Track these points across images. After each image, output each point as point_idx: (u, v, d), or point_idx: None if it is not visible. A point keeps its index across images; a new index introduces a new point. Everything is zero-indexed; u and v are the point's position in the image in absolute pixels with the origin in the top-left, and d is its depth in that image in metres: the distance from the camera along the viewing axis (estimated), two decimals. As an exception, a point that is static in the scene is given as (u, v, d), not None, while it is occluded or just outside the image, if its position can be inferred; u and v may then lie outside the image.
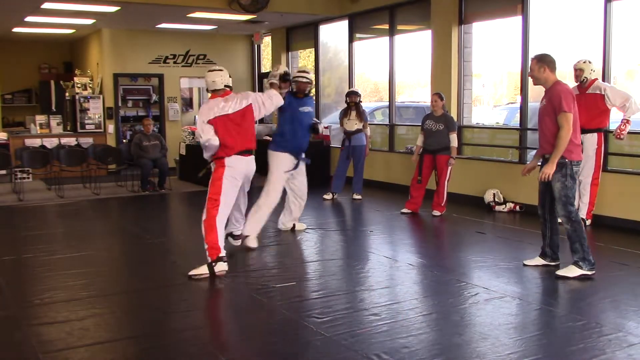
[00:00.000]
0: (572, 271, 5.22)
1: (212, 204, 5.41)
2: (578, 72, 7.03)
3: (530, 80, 8.36)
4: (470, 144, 9.46)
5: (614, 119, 7.22)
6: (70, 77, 13.63)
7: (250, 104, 5.68)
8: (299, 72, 6.84)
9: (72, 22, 11.85)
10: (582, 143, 7.09)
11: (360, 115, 9.29)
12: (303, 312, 4.48)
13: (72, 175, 10.51)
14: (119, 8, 10.28)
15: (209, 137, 5.42)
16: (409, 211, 8.19)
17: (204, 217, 5.44)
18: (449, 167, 7.99)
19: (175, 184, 10.96)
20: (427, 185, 8.21)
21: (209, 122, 5.45)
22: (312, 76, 6.92)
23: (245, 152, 5.59)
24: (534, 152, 8.64)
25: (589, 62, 7.00)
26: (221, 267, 5.34)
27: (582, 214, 7.23)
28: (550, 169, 5.17)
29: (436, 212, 8.15)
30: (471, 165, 9.13)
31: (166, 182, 10.51)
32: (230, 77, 5.73)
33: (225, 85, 5.64)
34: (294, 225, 7.18)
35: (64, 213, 8.81)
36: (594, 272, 5.21)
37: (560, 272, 5.27)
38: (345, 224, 8.24)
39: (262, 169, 6.42)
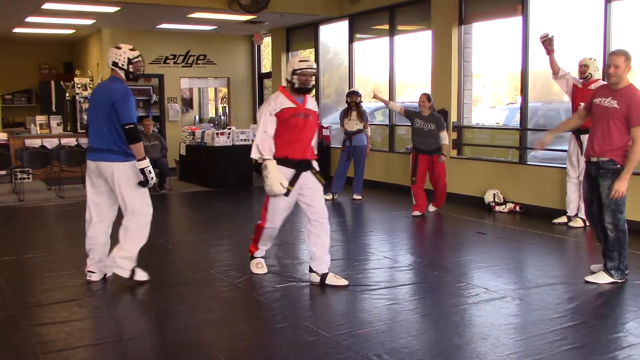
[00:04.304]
0: (602, 278, 5.10)
1: None
2: (583, 67, 7.07)
3: (529, 79, 8.45)
4: (470, 144, 9.46)
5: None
6: (70, 78, 13.63)
7: None
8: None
9: (72, 23, 11.86)
10: (582, 143, 7.15)
11: (361, 115, 9.29)
12: (303, 312, 4.48)
13: (72, 175, 10.50)
14: (119, 8, 10.28)
15: None
16: (420, 213, 8.12)
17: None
18: (444, 164, 8.08)
19: (175, 185, 10.96)
20: (424, 184, 8.19)
21: None
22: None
23: None
24: (534, 152, 8.69)
25: (594, 60, 7.07)
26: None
27: (582, 214, 7.24)
28: (623, 186, 4.89)
29: (432, 208, 8.28)
30: (471, 165, 9.13)
31: (166, 182, 10.51)
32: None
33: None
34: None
35: (64, 213, 8.82)
36: (624, 280, 5.10)
37: (589, 278, 5.14)
38: (345, 224, 8.24)
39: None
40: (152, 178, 5.10)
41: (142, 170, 5.04)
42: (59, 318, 4.37)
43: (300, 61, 4.96)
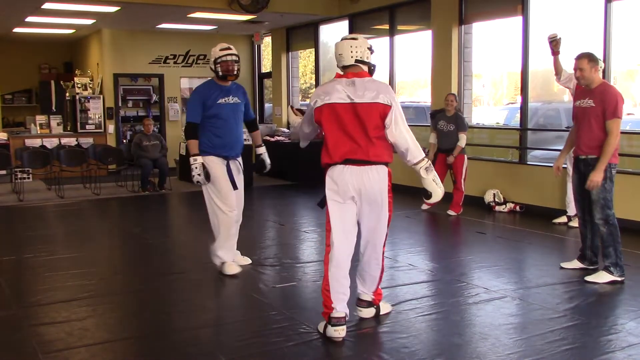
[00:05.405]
0: (602, 277, 5.11)
1: (326, 238, 4.05)
2: None
3: (529, 79, 8.46)
4: (470, 144, 9.44)
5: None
6: (70, 77, 13.63)
7: (386, 105, 3.90)
8: None
9: (73, 22, 11.86)
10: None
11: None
12: (303, 312, 4.48)
13: (72, 175, 10.51)
14: (119, 8, 10.28)
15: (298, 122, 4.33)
16: (428, 207, 8.21)
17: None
18: (464, 167, 8.12)
19: (175, 184, 10.96)
20: (442, 183, 8.18)
21: (315, 109, 4.04)
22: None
23: (350, 161, 3.92)
24: (534, 152, 8.69)
25: (599, 60, 7.05)
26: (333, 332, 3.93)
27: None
28: (599, 177, 4.98)
29: (452, 212, 8.14)
30: (471, 165, 9.10)
31: (166, 182, 10.51)
32: (369, 49, 4.04)
33: (358, 61, 3.98)
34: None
35: (64, 213, 8.81)
36: (624, 277, 5.11)
37: (589, 278, 5.14)
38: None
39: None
40: (193, 176, 5.21)
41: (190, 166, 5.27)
42: (59, 318, 4.37)
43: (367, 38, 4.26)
